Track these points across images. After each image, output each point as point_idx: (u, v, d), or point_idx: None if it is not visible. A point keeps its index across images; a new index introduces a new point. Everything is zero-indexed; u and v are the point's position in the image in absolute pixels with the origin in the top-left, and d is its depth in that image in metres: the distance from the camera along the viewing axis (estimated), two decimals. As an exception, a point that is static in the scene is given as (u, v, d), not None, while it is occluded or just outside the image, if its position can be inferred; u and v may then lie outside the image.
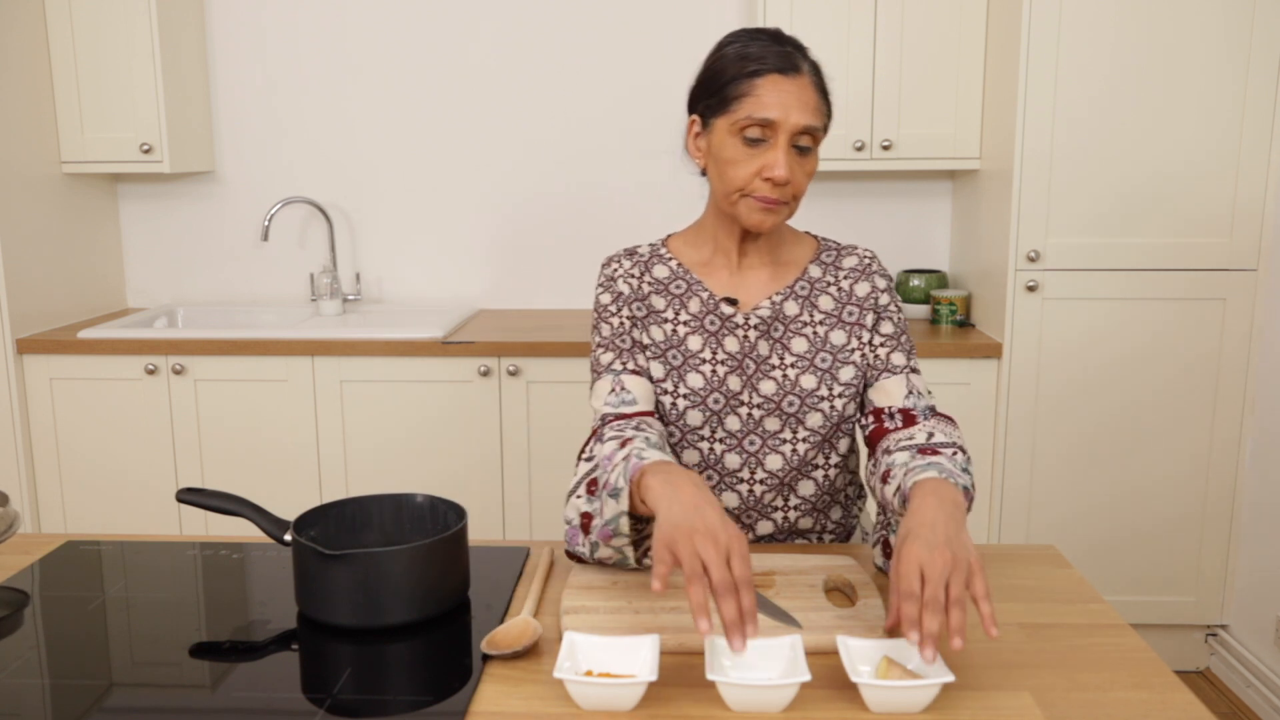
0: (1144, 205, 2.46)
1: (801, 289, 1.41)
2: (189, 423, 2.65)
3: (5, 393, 2.63)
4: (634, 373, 1.38)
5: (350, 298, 3.08)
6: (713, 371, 1.38)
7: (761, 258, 1.42)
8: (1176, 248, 2.47)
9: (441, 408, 2.62)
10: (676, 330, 1.40)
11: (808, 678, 0.94)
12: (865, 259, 1.44)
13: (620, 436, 1.25)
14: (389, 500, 1.29)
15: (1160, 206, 2.46)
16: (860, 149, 2.68)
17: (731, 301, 1.40)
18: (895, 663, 0.98)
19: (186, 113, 2.89)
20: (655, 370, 1.39)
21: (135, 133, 2.77)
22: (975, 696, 0.99)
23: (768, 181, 1.29)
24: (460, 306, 3.06)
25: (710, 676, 0.94)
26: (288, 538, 1.19)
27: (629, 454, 1.17)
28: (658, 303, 1.41)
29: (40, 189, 2.74)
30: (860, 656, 1.00)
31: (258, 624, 1.16)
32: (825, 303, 1.41)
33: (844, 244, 1.47)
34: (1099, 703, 0.98)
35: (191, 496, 1.22)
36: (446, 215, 3.08)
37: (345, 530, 1.27)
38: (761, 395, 1.38)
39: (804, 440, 1.39)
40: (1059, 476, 2.59)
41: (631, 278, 1.42)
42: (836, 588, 1.23)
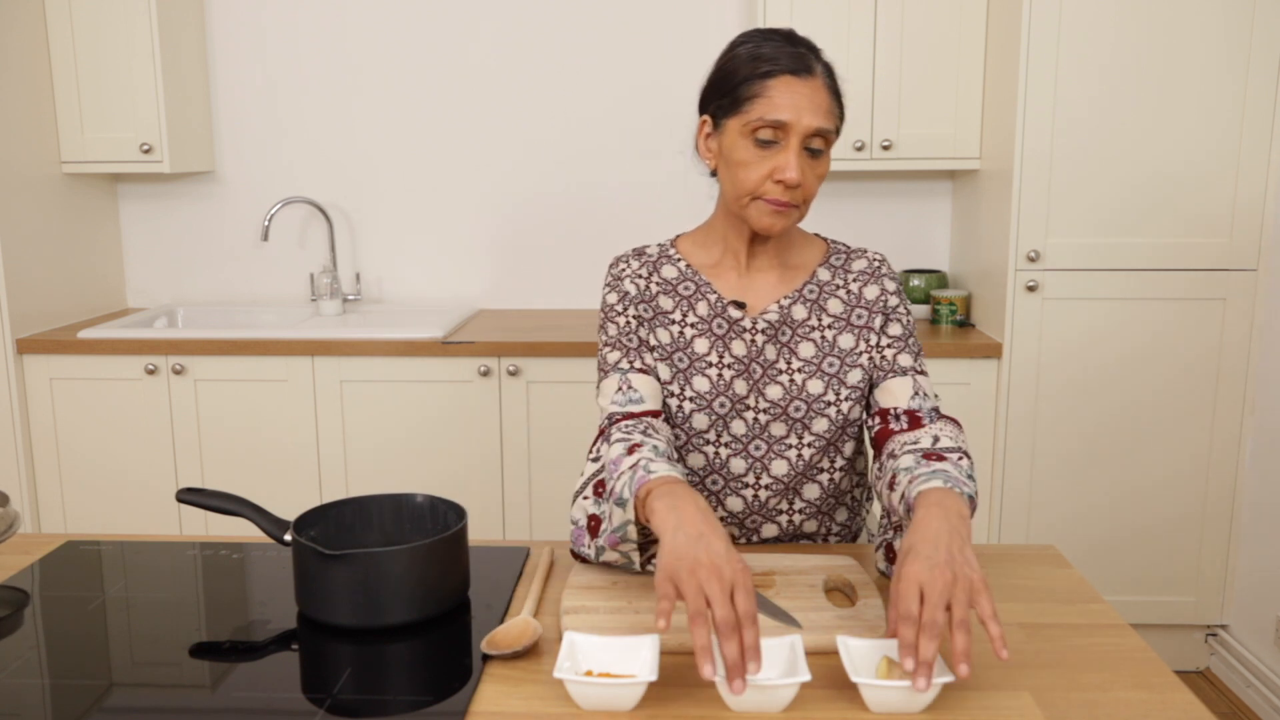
0: (1144, 205, 2.46)
1: (810, 292, 1.40)
2: (189, 423, 2.65)
3: (5, 393, 2.63)
4: (641, 371, 1.37)
5: (350, 298, 3.08)
6: (719, 375, 1.37)
7: (770, 260, 1.41)
8: (1176, 248, 2.47)
9: (441, 408, 2.62)
10: (684, 333, 1.39)
11: (808, 678, 0.94)
12: (875, 262, 1.42)
13: (628, 440, 1.23)
14: (389, 500, 1.29)
15: (1160, 206, 2.46)
16: (860, 149, 2.68)
17: (739, 305, 1.38)
18: (895, 663, 0.98)
19: (186, 113, 2.89)
20: (662, 372, 1.38)
21: (135, 133, 2.77)
22: (975, 696, 0.99)
23: (779, 184, 1.28)
24: (460, 306, 3.06)
25: (718, 671, 0.94)
26: (288, 538, 1.19)
27: (637, 462, 1.15)
28: (665, 303, 1.40)
29: (40, 189, 2.74)
30: (860, 657, 0.99)
31: (258, 624, 1.17)
32: (834, 306, 1.40)
33: (854, 247, 1.45)
34: (1099, 703, 0.98)
35: (191, 496, 1.22)
36: (446, 215, 3.08)
37: (345, 530, 1.27)
38: (768, 400, 1.37)
39: (809, 445, 1.37)
40: (1059, 476, 2.59)
41: (639, 278, 1.41)
42: (836, 588, 1.23)
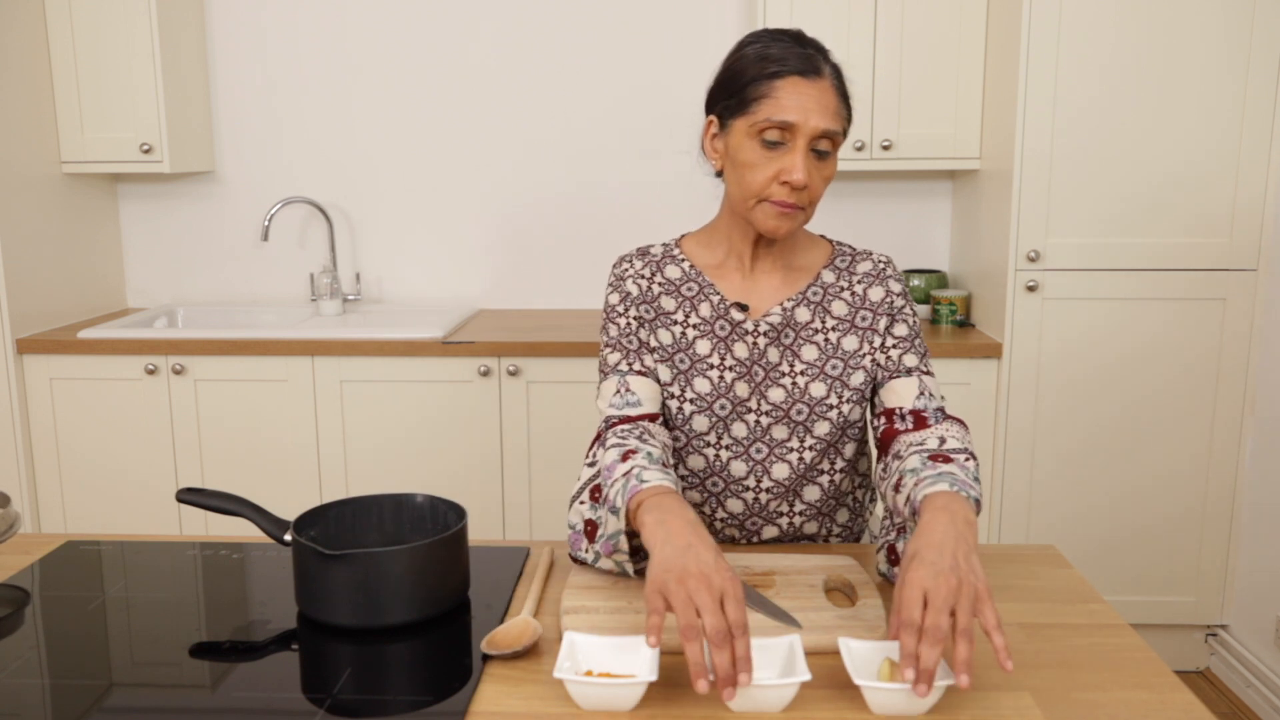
0: (1144, 205, 2.46)
1: (814, 294, 1.39)
2: (189, 423, 2.65)
3: (5, 393, 2.63)
4: (640, 374, 1.36)
5: (350, 298, 3.08)
6: (720, 377, 1.36)
7: (775, 262, 1.40)
8: (1176, 248, 2.47)
9: (441, 408, 2.62)
10: (686, 334, 1.38)
11: (808, 678, 0.94)
12: (880, 264, 1.41)
13: (622, 446, 1.22)
14: (389, 500, 1.29)
15: (1160, 206, 2.46)
16: (860, 149, 2.68)
17: (742, 307, 1.37)
18: (897, 665, 0.97)
19: (186, 113, 2.89)
20: (663, 374, 1.38)
21: (135, 133, 2.77)
22: (975, 696, 0.99)
23: (785, 185, 1.26)
24: (460, 306, 3.06)
25: (710, 676, 0.94)
26: (288, 538, 1.19)
27: (630, 470, 1.15)
28: (668, 304, 1.39)
29: (40, 189, 2.74)
30: (862, 658, 0.99)
31: (258, 624, 1.16)
32: (839, 308, 1.39)
33: (859, 249, 1.44)
34: (1099, 703, 0.98)
35: (191, 496, 1.22)
36: (446, 215, 3.08)
37: (345, 530, 1.27)
38: (770, 403, 1.36)
39: (811, 448, 1.37)
40: (1059, 476, 2.59)
41: (641, 278, 1.40)
42: (836, 588, 1.23)
